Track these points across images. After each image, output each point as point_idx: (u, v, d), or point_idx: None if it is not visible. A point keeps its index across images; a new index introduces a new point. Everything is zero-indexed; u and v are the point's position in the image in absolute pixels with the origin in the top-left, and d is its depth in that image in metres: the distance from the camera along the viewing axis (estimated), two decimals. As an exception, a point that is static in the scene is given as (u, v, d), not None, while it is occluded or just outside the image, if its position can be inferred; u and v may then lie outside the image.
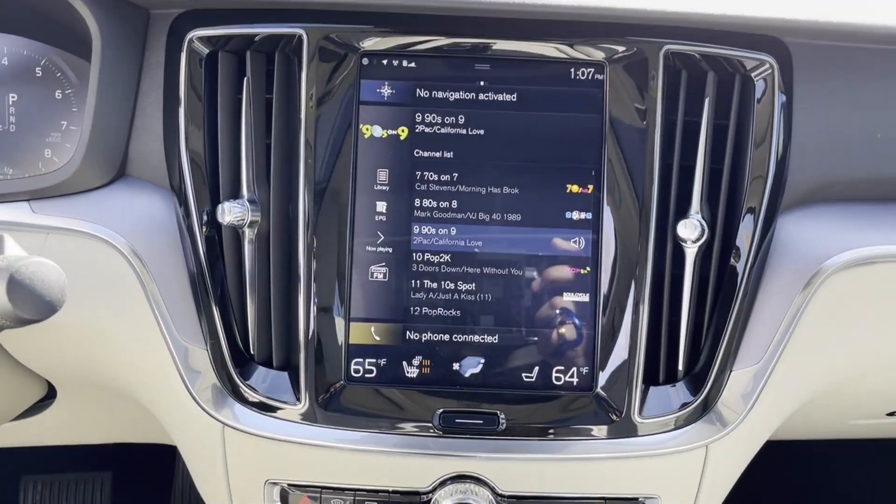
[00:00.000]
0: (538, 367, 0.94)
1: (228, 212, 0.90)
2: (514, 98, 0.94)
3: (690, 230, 0.92)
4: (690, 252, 0.93)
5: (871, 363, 1.02)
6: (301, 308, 0.93)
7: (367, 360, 0.93)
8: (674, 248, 0.95)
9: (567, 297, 0.93)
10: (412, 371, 0.93)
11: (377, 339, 0.93)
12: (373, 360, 0.93)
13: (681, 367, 0.95)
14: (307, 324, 0.93)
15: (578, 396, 0.93)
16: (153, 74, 0.96)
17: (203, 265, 0.93)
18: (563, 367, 0.94)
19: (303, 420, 0.94)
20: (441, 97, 0.93)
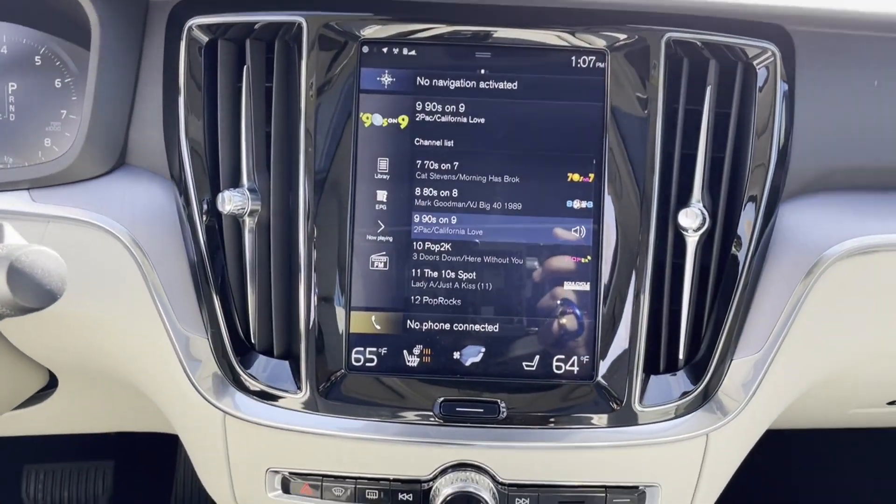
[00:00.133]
0: (539, 356, 0.94)
1: (228, 201, 0.90)
2: (515, 86, 0.93)
3: (692, 219, 0.91)
4: (691, 241, 0.93)
5: (872, 352, 1.02)
6: (302, 297, 0.93)
7: (368, 349, 0.93)
8: (675, 237, 0.94)
9: (568, 286, 0.93)
10: (413, 360, 0.94)
11: (378, 329, 0.93)
12: (373, 349, 0.93)
13: (681, 356, 0.95)
14: (308, 313, 0.93)
15: (579, 385, 0.93)
16: (152, 63, 0.96)
17: (203, 254, 0.93)
18: (564, 356, 0.94)
19: (304, 409, 0.94)
20: (441, 85, 0.93)
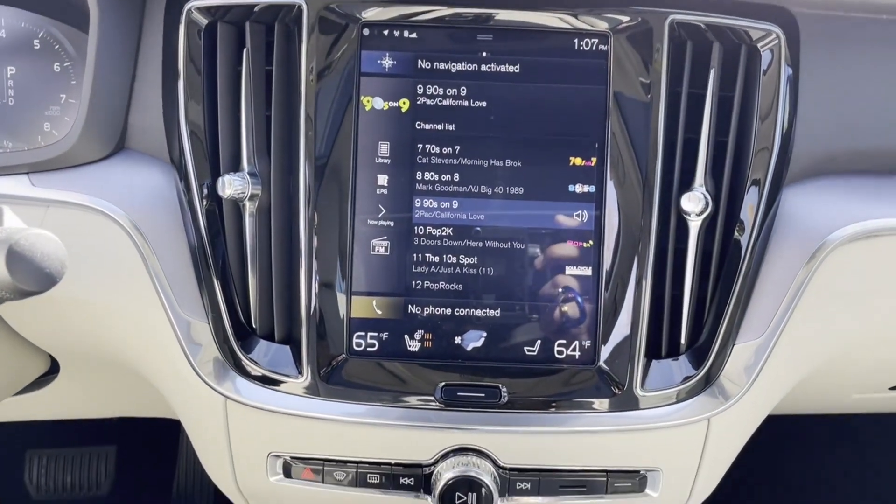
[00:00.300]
0: (540, 341, 0.93)
1: (229, 185, 0.89)
2: (517, 69, 0.92)
3: (694, 203, 0.91)
4: (694, 225, 0.92)
5: (874, 337, 1.02)
6: (302, 282, 0.92)
7: (369, 334, 0.93)
8: (677, 222, 0.94)
9: (569, 271, 0.93)
10: (414, 345, 0.93)
11: (379, 313, 0.93)
12: (374, 334, 0.93)
13: (683, 341, 0.95)
14: (309, 297, 0.92)
15: (580, 370, 0.93)
16: (152, 46, 0.95)
17: (204, 238, 0.92)
18: (565, 341, 0.93)
19: (305, 393, 0.94)
20: (443, 68, 0.92)
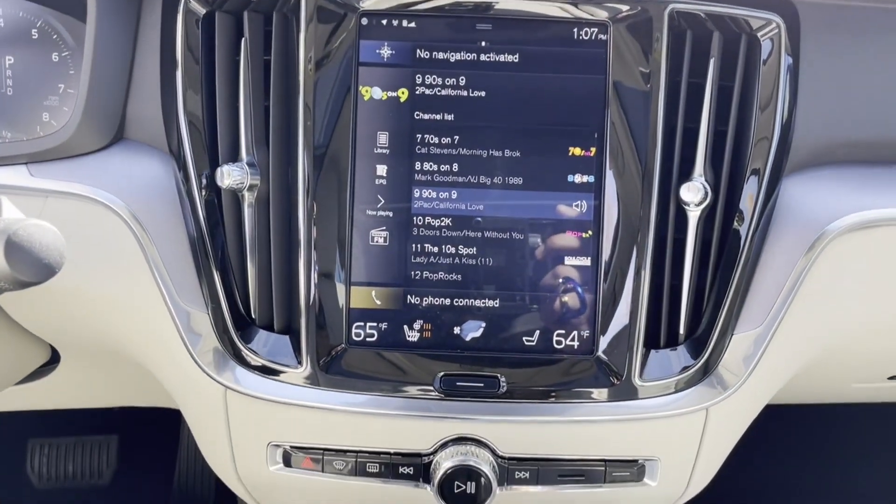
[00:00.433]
0: (539, 331, 0.94)
1: (227, 175, 0.89)
2: (516, 59, 0.92)
3: (694, 193, 0.91)
4: (693, 215, 0.92)
5: (873, 327, 1.02)
6: (302, 272, 0.92)
7: (369, 324, 0.93)
8: (676, 212, 0.94)
9: (568, 261, 0.93)
10: (413, 335, 0.94)
11: (378, 304, 0.93)
12: (374, 324, 0.93)
13: (682, 331, 0.95)
14: (308, 288, 0.92)
15: (579, 360, 0.94)
16: (150, 36, 0.95)
17: (203, 229, 0.92)
18: (564, 331, 0.93)
19: (304, 383, 0.94)
20: (442, 58, 0.92)
